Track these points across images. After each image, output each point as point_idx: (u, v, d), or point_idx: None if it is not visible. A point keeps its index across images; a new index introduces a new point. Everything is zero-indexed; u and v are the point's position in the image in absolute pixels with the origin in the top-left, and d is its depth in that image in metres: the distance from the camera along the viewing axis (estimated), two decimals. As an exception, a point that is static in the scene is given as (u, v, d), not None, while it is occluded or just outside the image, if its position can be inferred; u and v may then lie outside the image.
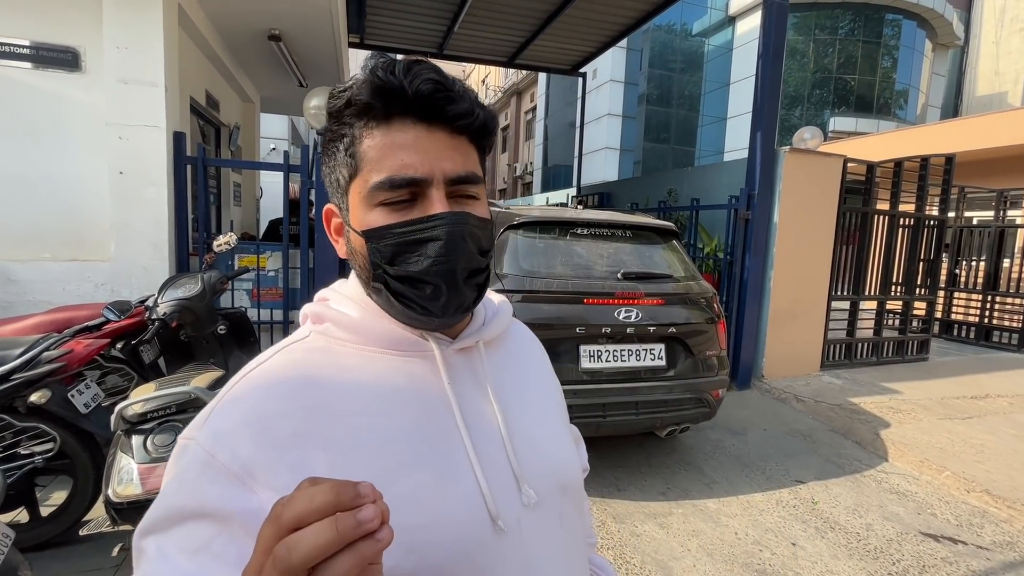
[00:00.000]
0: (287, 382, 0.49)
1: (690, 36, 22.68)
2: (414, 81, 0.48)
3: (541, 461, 0.57)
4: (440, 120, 0.49)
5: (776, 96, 4.68)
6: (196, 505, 0.43)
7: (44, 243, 3.27)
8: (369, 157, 0.50)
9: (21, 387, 1.96)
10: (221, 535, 0.42)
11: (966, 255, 7.22)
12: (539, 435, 0.59)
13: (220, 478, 0.44)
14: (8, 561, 1.40)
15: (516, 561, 0.52)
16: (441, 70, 0.50)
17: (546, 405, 0.65)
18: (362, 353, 0.53)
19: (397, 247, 0.50)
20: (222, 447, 0.45)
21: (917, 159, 5.53)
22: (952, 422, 3.92)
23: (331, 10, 4.33)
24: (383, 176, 0.49)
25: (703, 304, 2.96)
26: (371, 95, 0.48)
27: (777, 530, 2.55)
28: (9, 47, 3.14)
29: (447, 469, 0.50)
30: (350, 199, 0.52)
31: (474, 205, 0.53)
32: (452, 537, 0.48)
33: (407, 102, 0.48)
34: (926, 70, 20.88)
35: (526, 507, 0.54)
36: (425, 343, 0.54)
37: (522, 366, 0.65)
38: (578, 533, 0.63)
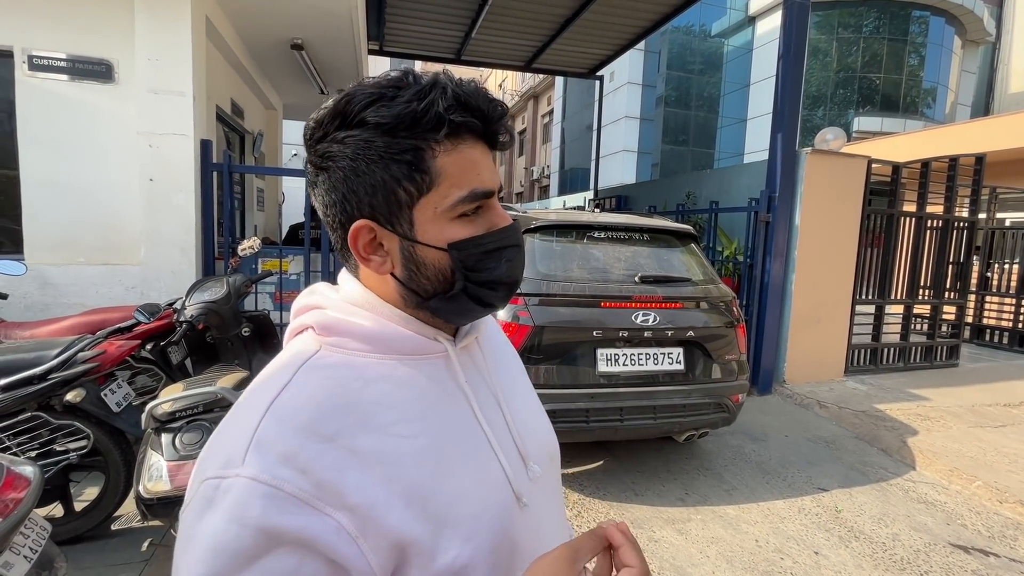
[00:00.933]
0: (323, 404, 0.48)
1: (709, 37, 22.45)
2: (492, 109, 0.51)
3: (535, 438, 0.63)
4: (493, 141, 0.54)
5: (797, 97, 4.61)
6: (270, 540, 0.40)
7: (78, 247, 3.40)
8: (449, 172, 0.50)
9: (58, 386, 2.04)
10: (307, 561, 0.41)
11: (998, 258, 6.99)
12: (528, 414, 0.65)
13: (290, 507, 0.41)
14: (45, 553, 1.47)
15: (533, 530, 0.57)
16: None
17: (526, 383, 0.71)
18: (382, 362, 0.53)
19: (483, 255, 0.53)
20: (282, 476, 0.42)
21: (945, 159, 5.38)
22: (984, 430, 3.79)
23: (352, 18, 4.42)
24: (467, 191, 0.51)
25: (722, 308, 2.93)
26: (456, 112, 0.49)
27: (799, 538, 2.51)
28: (48, 60, 3.28)
29: (480, 460, 0.55)
30: (417, 215, 0.51)
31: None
32: (495, 520, 0.53)
33: (483, 124, 0.51)
34: (955, 67, 20.26)
35: (532, 481, 0.59)
36: (438, 344, 0.57)
37: (500, 350, 0.70)
38: (562, 495, 0.72)
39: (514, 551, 0.54)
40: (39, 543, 1.45)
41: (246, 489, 0.41)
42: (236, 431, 0.46)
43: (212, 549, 0.40)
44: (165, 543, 2.17)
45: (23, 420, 2.03)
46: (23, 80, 3.27)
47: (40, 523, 1.48)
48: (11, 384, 1.97)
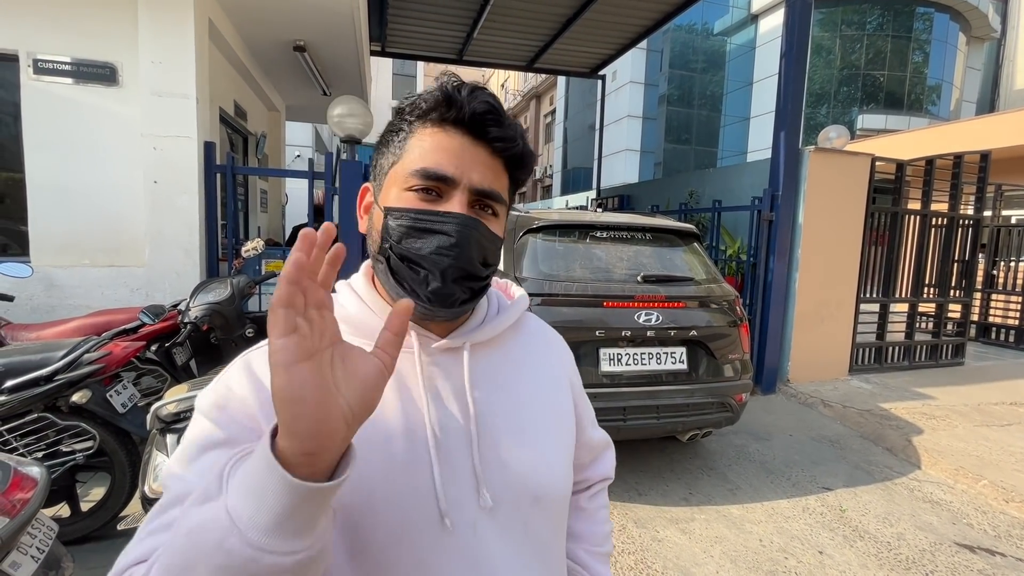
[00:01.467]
0: None
1: (711, 35, 22.40)
2: (473, 100, 0.55)
3: (510, 469, 0.57)
4: (483, 137, 0.56)
5: (800, 95, 4.59)
6: (219, 436, 0.49)
7: (84, 250, 3.42)
8: (415, 149, 0.56)
9: (64, 387, 2.06)
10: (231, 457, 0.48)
11: (1004, 255, 6.94)
12: (516, 443, 0.59)
13: (236, 416, 0.50)
14: (52, 553, 1.48)
15: (466, 561, 0.53)
16: (499, 100, 0.58)
17: (539, 412, 0.63)
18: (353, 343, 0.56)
19: (409, 229, 0.55)
20: (234, 396, 0.52)
21: (950, 157, 5.35)
22: (990, 429, 3.77)
23: (354, 19, 4.43)
24: (420, 166, 0.55)
25: (725, 307, 2.92)
26: (434, 101, 0.55)
27: (803, 537, 2.50)
28: (52, 64, 3.30)
29: (405, 460, 0.53)
30: (386, 181, 0.59)
31: (490, 220, 0.58)
32: (395, 523, 0.51)
33: (462, 114, 0.55)
34: (960, 64, 20.14)
35: (482, 509, 0.55)
36: (408, 339, 0.58)
37: (521, 369, 0.65)
38: (551, 544, 0.63)
39: (423, 570, 0.52)
40: (46, 543, 1.46)
41: (206, 396, 0.53)
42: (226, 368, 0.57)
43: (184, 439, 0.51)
44: (170, 543, 2.18)
45: (30, 421, 2.05)
46: (28, 84, 3.29)
47: (47, 523, 1.49)
48: (18, 385, 1.98)
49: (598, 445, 0.79)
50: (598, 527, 0.77)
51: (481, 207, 0.57)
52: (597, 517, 0.78)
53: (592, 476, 0.79)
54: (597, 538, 0.76)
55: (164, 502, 0.47)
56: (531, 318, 0.72)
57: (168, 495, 0.48)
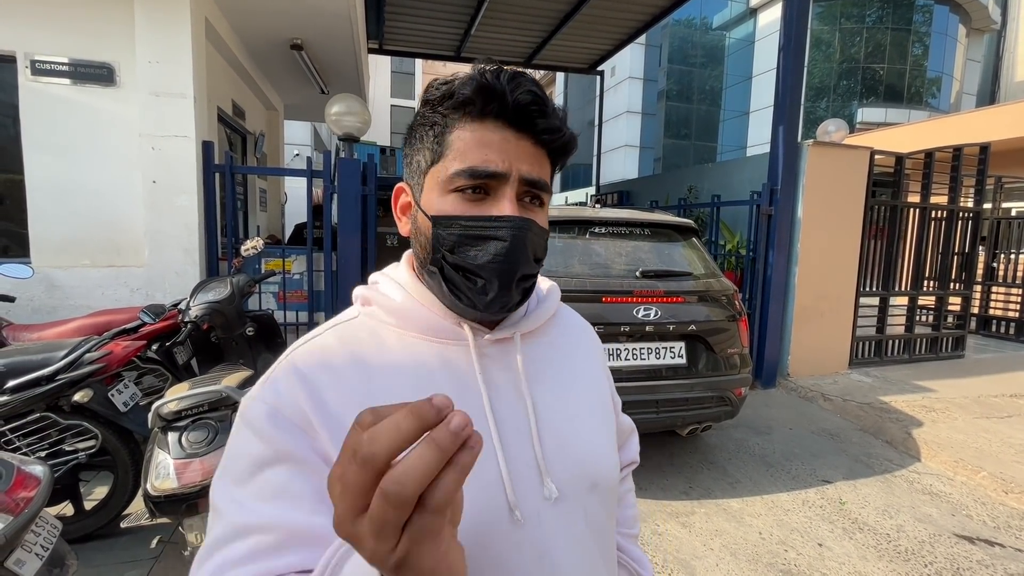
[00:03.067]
0: (334, 355, 0.53)
1: (711, 30, 22.33)
2: (516, 90, 0.51)
3: (569, 457, 0.57)
4: (529, 130, 0.53)
5: (798, 89, 4.58)
6: (271, 452, 0.47)
7: (84, 250, 3.43)
8: (456, 147, 0.52)
9: (65, 387, 2.07)
10: (298, 476, 0.47)
11: (1004, 248, 6.94)
12: (571, 431, 0.59)
13: (287, 426, 0.48)
14: (56, 551, 1.49)
15: (533, 552, 0.52)
16: (541, 86, 0.54)
17: (585, 399, 0.63)
18: (403, 337, 0.56)
19: (461, 238, 0.52)
20: (284, 403, 0.49)
21: (949, 149, 5.35)
22: (989, 421, 3.78)
23: (351, 18, 4.42)
24: (466, 165, 0.52)
25: (724, 301, 2.93)
26: (474, 92, 0.51)
27: (803, 530, 2.51)
28: (50, 65, 3.30)
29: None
30: (426, 180, 0.55)
31: (538, 213, 0.56)
32: (469, 520, 0.48)
33: (505, 106, 0.51)
34: (960, 56, 20.08)
35: (547, 500, 0.54)
36: (461, 331, 0.56)
37: (564, 357, 0.64)
38: (607, 529, 0.62)
39: (498, 566, 0.50)
40: (50, 541, 1.47)
41: (259, 409, 0.50)
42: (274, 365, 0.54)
43: (230, 461, 0.49)
44: (173, 540, 2.20)
45: (32, 421, 2.06)
46: (26, 85, 3.29)
47: (51, 521, 1.51)
48: (20, 385, 1.99)
49: (626, 430, 0.80)
50: (628, 511, 0.77)
51: (530, 198, 0.55)
52: (627, 501, 0.78)
53: (622, 460, 0.78)
54: (628, 521, 0.76)
55: (222, 532, 0.46)
56: (565, 309, 0.72)
57: (224, 523, 0.46)
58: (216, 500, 0.48)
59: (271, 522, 0.45)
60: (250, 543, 0.45)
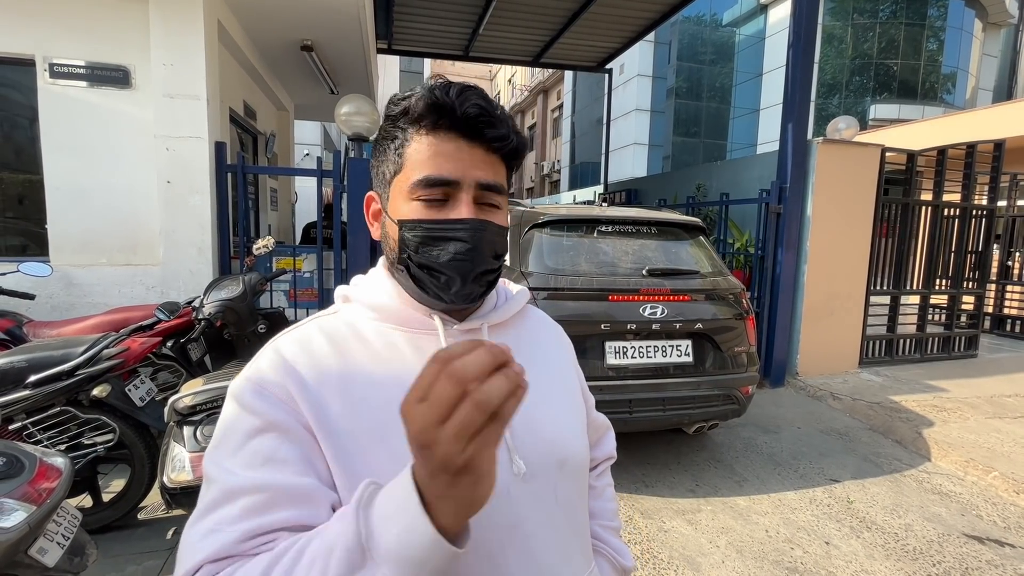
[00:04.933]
0: (314, 342, 0.59)
1: (720, 26, 22.14)
2: (464, 104, 0.56)
3: (537, 437, 0.63)
4: (479, 138, 0.58)
5: (808, 86, 4.55)
6: (259, 423, 0.53)
7: (101, 249, 3.51)
8: (414, 158, 0.58)
9: (84, 382, 2.12)
10: (284, 442, 0.52)
11: (1019, 246, 6.83)
12: (539, 414, 0.64)
13: (272, 400, 0.54)
14: (76, 540, 1.54)
15: (504, 523, 0.57)
16: (488, 97, 0.59)
17: (552, 386, 0.69)
18: (379, 328, 0.62)
19: (424, 239, 0.58)
20: (269, 380, 0.55)
21: (962, 146, 5.27)
22: (1002, 421, 3.74)
23: (360, 18, 4.46)
24: (423, 174, 0.57)
25: (731, 300, 2.93)
26: (426, 108, 0.57)
27: (810, 529, 2.51)
28: (68, 68, 3.38)
29: None
30: (391, 190, 0.61)
31: (496, 214, 0.61)
32: None
33: (455, 119, 0.57)
34: (976, 51, 19.73)
35: (516, 476, 0.59)
36: (431, 322, 0.62)
37: (532, 349, 0.70)
38: (577, 507, 0.67)
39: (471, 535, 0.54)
40: (71, 530, 1.52)
41: (245, 387, 0.55)
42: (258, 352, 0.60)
43: (219, 435, 0.54)
44: (188, 532, 2.25)
45: (53, 415, 2.12)
46: (45, 87, 3.37)
47: (71, 511, 1.56)
48: (41, 380, 2.05)
49: (601, 426, 0.85)
50: (608, 503, 0.82)
51: (486, 203, 0.60)
52: (606, 494, 0.83)
53: (598, 455, 0.84)
54: (608, 514, 0.81)
55: (214, 497, 0.50)
56: (535, 310, 0.78)
57: (216, 488, 0.50)
58: (208, 470, 0.52)
59: (261, 484, 0.49)
60: (242, 503, 0.49)
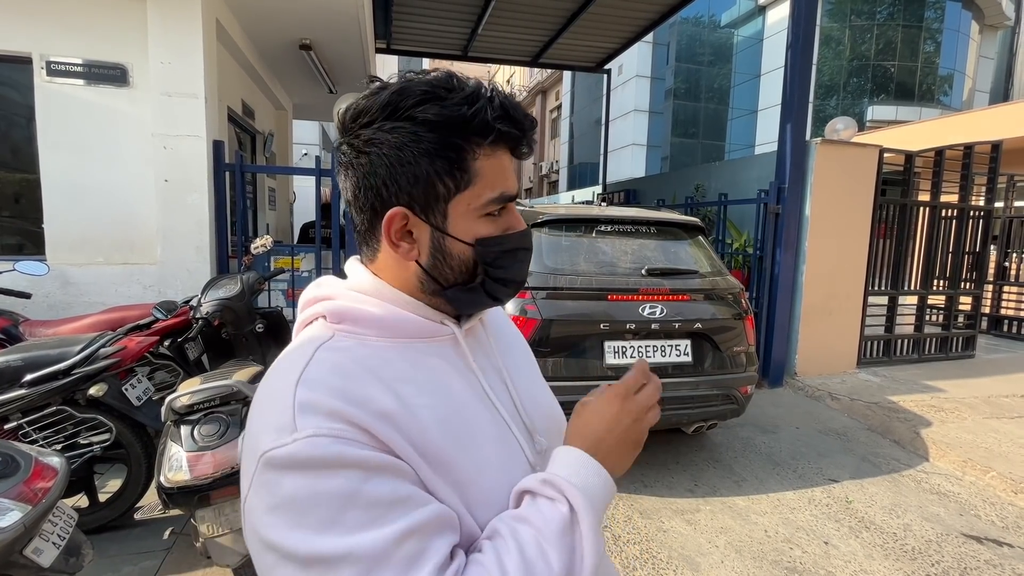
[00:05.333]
0: (349, 373, 0.50)
1: (719, 28, 22.18)
2: (525, 123, 0.57)
3: (542, 413, 0.67)
4: (517, 153, 0.59)
5: (806, 87, 4.56)
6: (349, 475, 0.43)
7: (98, 248, 3.49)
8: (485, 174, 0.55)
9: (81, 381, 2.11)
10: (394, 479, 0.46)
11: (1017, 247, 6.85)
12: (536, 392, 0.69)
13: (358, 446, 0.45)
14: (72, 540, 1.53)
15: None
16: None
17: (532, 365, 0.75)
18: (393, 345, 0.56)
19: (506, 254, 0.59)
20: (337, 427, 0.45)
21: (960, 147, 5.29)
22: (999, 421, 3.74)
23: (359, 17, 4.46)
24: (498, 192, 0.56)
25: (730, 299, 2.93)
26: (500, 124, 0.53)
27: (809, 528, 2.51)
28: (65, 66, 3.36)
29: (498, 434, 0.59)
30: (453, 207, 0.55)
31: None
32: (510, 485, 0.56)
33: (519, 139, 0.57)
34: (972, 53, 19.81)
35: (540, 454, 0.62)
36: (445, 328, 0.61)
37: (505, 336, 0.74)
38: None
39: None
40: (67, 530, 1.51)
41: (310, 444, 0.44)
42: (274, 407, 0.47)
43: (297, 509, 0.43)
44: (185, 532, 2.23)
45: (49, 414, 2.10)
46: (42, 86, 3.35)
47: (67, 511, 1.54)
48: (37, 379, 2.04)
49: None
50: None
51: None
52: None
53: None
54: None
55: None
56: None
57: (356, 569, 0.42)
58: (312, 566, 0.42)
59: (404, 530, 0.43)
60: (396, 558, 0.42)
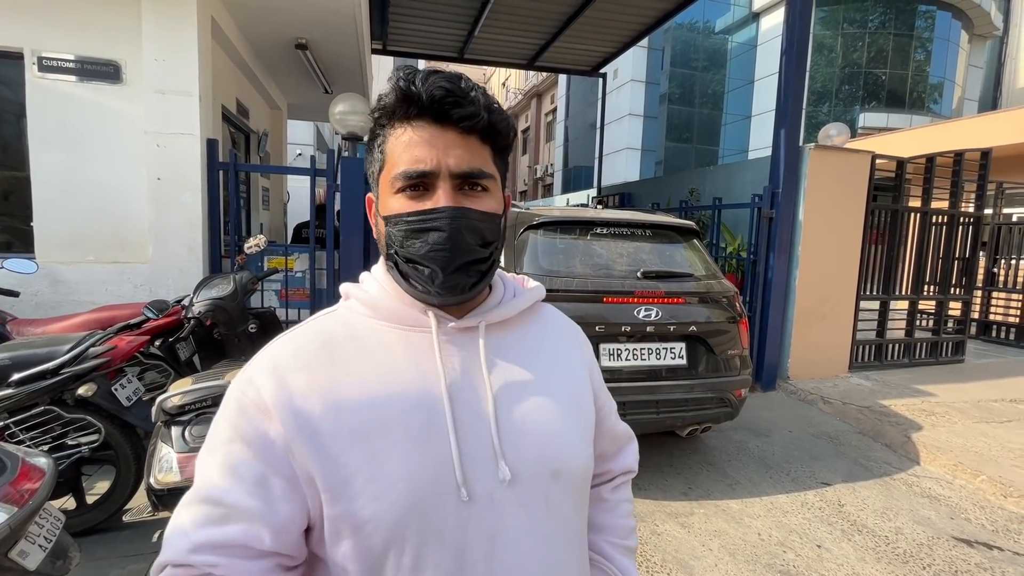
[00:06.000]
0: (307, 344, 0.59)
1: (713, 33, 22.35)
2: (429, 88, 0.55)
3: (530, 442, 0.59)
4: (449, 121, 0.56)
5: (800, 93, 4.60)
6: (231, 432, 0.55)
7: (89, 246, 3.45)
8: (393, 152, 0.58)
9: (69, 381, 2.08)
10: (247, 459, 0.54)
11: (1005, 253, 6.94)
12: (535, 418, 0.60)
13: (250, 412, 0.55)
14: (59, 543, 1.50)
15: (482, 531, 0.55)
16: (457, 78, 0.57)
17: (556, 392, 0.64)
18: (374, 325, 0.61)
19: (406, 232, 0.57)
20: (252, 387, 0.56)
21: (950, 154, 5.35)
22: (989, 425, 3.78)
23: (355, 18, 4.44)
24: (400, 168, 0.57)
25: (724, 303, 2.94)
26: (396, 100, 0.57)
27: (802, 532, 2.52)
28: (57, 61, 3.32)
29: (423, 433, 0.55)
30: (380, 188, 0.61)
31: (481, 198, 0.59)
32: (414, 493, 0.53)
33: (423, 106, 0.55)
34: (962, 62, 20.09)
35: (501, 482, 0.56)
36: (426, 319, 0.60)
37: (537, 350, 0.66)
38: (573, 521, 0.63)
39: (442, 540, 0.53)
40: (53, 532, 1.48)
41: (231, 390, 0.58)
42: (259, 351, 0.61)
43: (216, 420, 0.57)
44: (175, 535, 2.21)
45: (36, 414, 2.07)
46: (33, 81, 3.31)
47: (54, 513, 1.52)
48: (24, 379, 2.01)
49: (621, 436, 0.79)
50: (621, 520, 0.76)
51: (470, 187, 0.58)
52: (620, 510, 0.77)
53: (615, 468, 0.79)
54: (621, 531, 0.76)
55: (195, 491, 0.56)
56: (550, 309, 0.75)
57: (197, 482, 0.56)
58: (199, 459, 0.56)
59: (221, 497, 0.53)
60: (205, 510, 0.53)
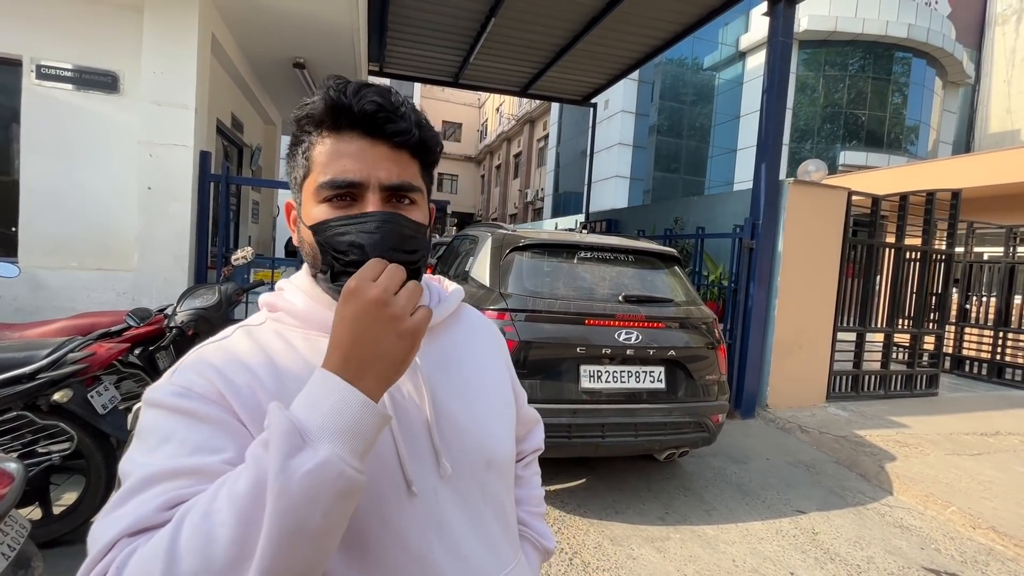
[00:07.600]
0: (245, 350, 0.58)
1: (701, 70, 23.11)
2: (360, 102, 0.56)
3: (466, 439, 0.64)
4: (381, 135, 0.58)
5: (780, 129, 4.79)
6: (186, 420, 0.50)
7: (72, 252, 3.43)
8: (319, 161, 0.59)
9: (45, 386, 2.05)
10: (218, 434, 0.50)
11: (976, 290, 7.18)
12: (467, 416, 0.65)
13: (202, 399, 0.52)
14: (23, 552, 1.47)
15: (430, 523, 0.59)
16: (388, 92, 0.58)
17: (485, 389, 0.71)
18: (307, 337, 0.61)
19: (336, 238, 0.57)
20: (195, 383, 0.53)
21: (923, 193, 5.58)
22: (960, 458, 3.86)
23: (354, 41, 4.57)
24: (328, 177, 0.57)
25: (703, 329, 3.00)
26: (325, 110, 0.57)
27: (775, 559, 2.54)
28: (55, 70, 3.37)
29: None
30: (303, 195, 0.61)
31: (410, 210, 0.61)
32: (369, 496, 0.55)
33: (353, 118, 0.57)
34: (937, 107, 21.01)
35: (443, 478, 0.60)
36: None
37: (466, 352, 0.71)
38: (505, 503, 0.70)
39: (398, 536, 0.56)
40: (18, 541, 1.46)
41: (158, 390, 0.53)
42: (169, 370, 0.57)
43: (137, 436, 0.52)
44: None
45: (8, 419, 2.03)
46: (30, 88, 3.34)
47: (20, 521, 1.49)
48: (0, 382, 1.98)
49: (531, 420, 0.89)
50: (534, 491, 0.86)
51: (397, 200, 0.59)
52: (532, 483, 0.86)
53: (527, 448, 0.88)
54: (534, 500, 0.84)
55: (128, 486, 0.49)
56: (468, 308, 0.79)
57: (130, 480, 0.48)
58: (122, 469, 0.50)
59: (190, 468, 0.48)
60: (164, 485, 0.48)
